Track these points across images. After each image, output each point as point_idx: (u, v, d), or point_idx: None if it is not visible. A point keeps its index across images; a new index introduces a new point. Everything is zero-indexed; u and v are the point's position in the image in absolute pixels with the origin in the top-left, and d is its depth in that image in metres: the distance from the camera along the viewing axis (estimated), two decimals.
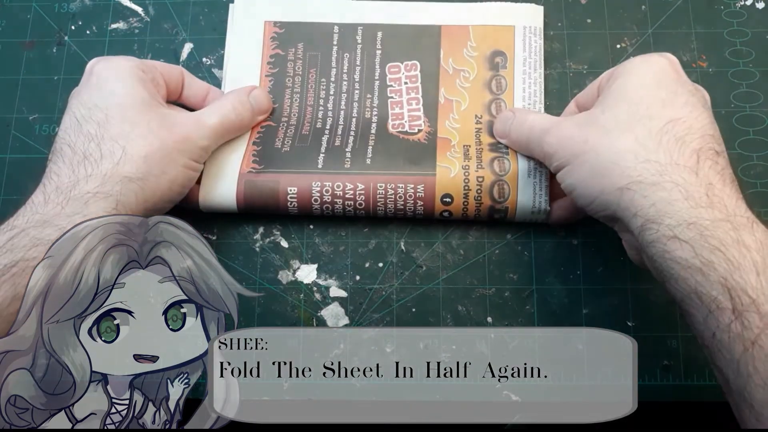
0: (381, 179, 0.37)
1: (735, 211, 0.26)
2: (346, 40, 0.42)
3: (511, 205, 0.37)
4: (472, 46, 0.41)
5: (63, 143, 0.33)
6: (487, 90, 0.40)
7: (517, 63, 0.40)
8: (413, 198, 0.37)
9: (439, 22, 0.41)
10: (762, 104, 0.40)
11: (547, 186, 0.37)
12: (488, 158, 0.37)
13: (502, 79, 0.40)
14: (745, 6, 0.41)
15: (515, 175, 0.37)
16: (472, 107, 0.40)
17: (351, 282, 0.38)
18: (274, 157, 0.38)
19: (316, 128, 0.40)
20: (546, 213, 0.37)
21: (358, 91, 0.41)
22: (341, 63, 0.41)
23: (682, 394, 0.36)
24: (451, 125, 0.39)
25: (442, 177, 0.37)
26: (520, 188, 0.37)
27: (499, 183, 0.37)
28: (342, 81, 0.41)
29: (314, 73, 0.41)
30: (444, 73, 0.41)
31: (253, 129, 0.40)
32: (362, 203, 0.37)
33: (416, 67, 0.41)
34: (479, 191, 0.37)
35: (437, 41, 0.41)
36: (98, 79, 0.34)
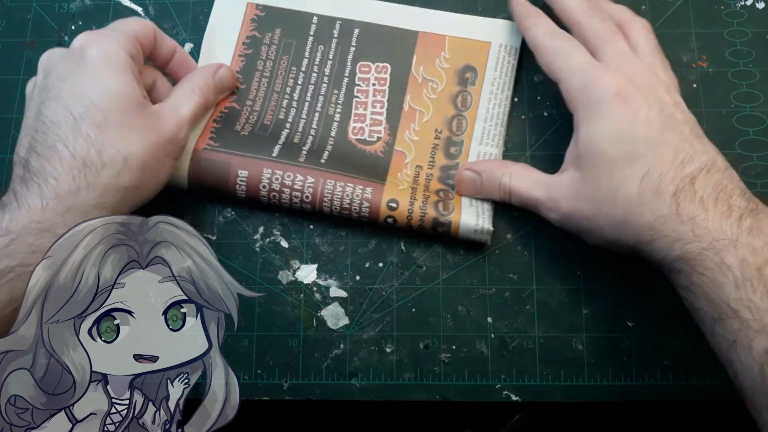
0: (331, 177, 0.37)
1: (719, 234, 0.29)
2: (323, 32, 0.41)
3: (454, 220, 0.36)
4: (446, 57, 0.40)
5: (58, 140, 0.32)
6: (451, 104, 0.40)
7: (486, 81, 0.40)
8: (360, 198, 0.37)
9: (418, 28, 0.41)
10: (762, 104, 0.40)
11: (489, 209, 0.37)
12: (435, 188, 0.38)
13: (469, 95, 0.40)
14: (745, 6, 0.41)
15: (459, 200, 0.37)
16: (434, 120, 0.40)
17: (351, 282, 0.38)
18: (231, 138, 0.38)
19: (278, 119, 0.40)
20: (488, 234, 0.37)
21: (326, 85, 0.41)
22: (314, 54, 0.41)
23: (682, 394, 0.36)
24: (410, 137, 0.39)
25: (390, 188, 0.37)
26: (464, 209, 0.37)
27: (444, 201, 0.37)
28: (312, 72, 0.41)
29: (286, 61, 0.41)
30: (413, 81, 0.40)
31: (217, 106, 0.40)
32: (309, 197, 0.37)
33: (387, 69, 0.41)
34: (425, 204, 0.37)
35: (412, 47, 0.41)
36: (92, 68, 0.33)
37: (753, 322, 0.27)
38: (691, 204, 0.30)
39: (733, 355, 0.28)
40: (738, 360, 0.28)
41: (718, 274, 0.28)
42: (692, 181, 0.30)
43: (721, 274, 0.28)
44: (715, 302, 0.28)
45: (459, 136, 0.39)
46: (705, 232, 0.29)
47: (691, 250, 0.29)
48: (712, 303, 0.29)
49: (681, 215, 0.30)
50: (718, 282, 0.28)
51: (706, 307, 0.29)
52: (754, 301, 0.27)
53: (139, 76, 0.35)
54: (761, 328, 0.27)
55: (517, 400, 0.37)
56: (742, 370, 0.28)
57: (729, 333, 0.28)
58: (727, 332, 0.28)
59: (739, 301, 0.28)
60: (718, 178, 0.31)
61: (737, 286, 0.28)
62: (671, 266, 0.31)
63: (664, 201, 0.30)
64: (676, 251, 0.30)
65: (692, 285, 0.30)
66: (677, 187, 0.30)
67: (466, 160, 0.39)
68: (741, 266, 0.28)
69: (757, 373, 0.27)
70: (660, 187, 0.31)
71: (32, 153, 0.32)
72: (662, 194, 0.30)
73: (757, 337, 0.27)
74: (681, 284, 0.30)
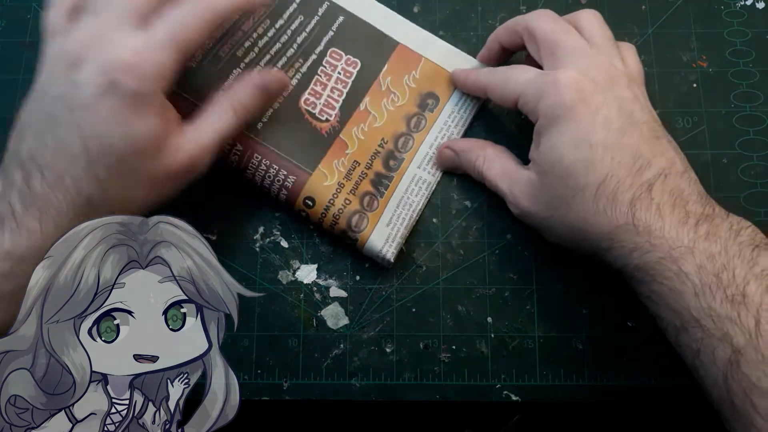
0: (261, 151, 0.37)
1: (675, 243, 0.29)
2: (308, 5, 0.41)
3: (362, 238, 0.37)
4: (415, 77, 0.40)
5: (67, 173, 0.30)
6: (404, 122, 0.40)
7: (444, 112, 0.40)
8: (281, 183, 0.37)
9: (400, 39, 0.41)
10: (762, 104, 0.40)
11: (399, 242, 0.37)
12: (363, 190, 0.38)
13: (423, 119, 0.40)
14: (745, 6, 0.41)
15: (377, 217, 0.37)
16: (383, 129, 0.39)
17: (351, 282, 0.38)
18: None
19: (234, 55, 0.39)
20: (389, 263, 0.37)
21: (293, 50, 0.40)
22: (292, 20, 0.40)
23: (682, 394, 0.36)
24: (357, 134, 0.39)
25: (315, 181, 0.37)
26: (377, 230, 0.37)
27: (360, 215, 0.37)
28: (283, 34, 0.40)
29: (263, 10, 0.40)
30: (376, 86, 0.40)
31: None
32: (234, 162, 0.37)
33: (356, 65, 0.40)
34: (340, 212, 0.37)
35: (387, 55, 0.41)
36: (121, 107, 0.30)
37: (714, 330, 0.27)
38: (647, 212, 0.30)
39: (698, 364, 0.28)
40: (703, 369, 0.28)
41: (677, 282, 0.28)
42: (649, 188, 0.30)
43: (680, 282, 0.28)
44: (677, 311, 0.28)
45: (401, 154, 0.39)
46: (661, 242, 0.29)
47: (649, 260, 0.29)
48: (675, 312, 0.29)
49: (637, 226, 0.30)
50: (677, 290, 0.28)
51: (669, 317, 0.29)
52: (714, 309, 0.27)
53: (170, 110, 0.32)
54: (723, 336, 0.27)
55: (517, 400, 0.37)
56: (708, 379, 0.28)
57: (693, 342, 0.28)
58: (691, 341, 0.28)
59: (700, 309, 0.27)
60: (676, 182, 0.30)
61: (696, 293, 0.28)
62: (632, 275, 0.31)
63: (621, 210, 0.30)
64: (635, 260, 0.30)
65: (653, 294, 0.30)
66: (633, 195, 0.30)
67: (401, 179, 0.39)
68: (699, 273, 0.28)
69: (722, 383, 0.27)
70: (616, 195, 0.30)
71: (36, 169, 0.30)
72: (618, 202, 0.30)
73: (719, 346, 0.27)
74: (643, 294, 0.31)
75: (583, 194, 0.31)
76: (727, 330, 0.27)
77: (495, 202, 0.39)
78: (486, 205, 0.39)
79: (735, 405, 0.26)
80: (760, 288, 0.27)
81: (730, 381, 0.26)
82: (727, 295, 0.27)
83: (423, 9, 0.42)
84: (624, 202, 0.30)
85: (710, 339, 0.27)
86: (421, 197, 0.39)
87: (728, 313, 0.27)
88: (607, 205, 0.30)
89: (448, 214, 0.39)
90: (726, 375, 0.26)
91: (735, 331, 0.26)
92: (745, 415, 0.26)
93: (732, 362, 0.26)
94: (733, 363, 0.26)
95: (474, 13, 0.42)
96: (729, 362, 0.26)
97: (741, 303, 0.27)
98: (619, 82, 0.32)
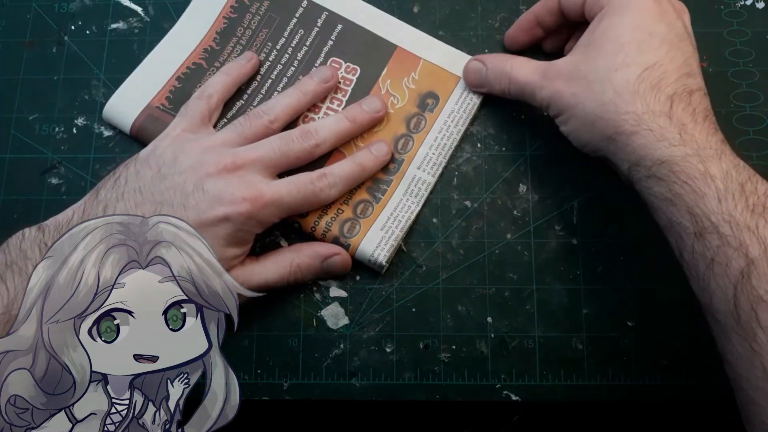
0: None
1: (705, 144, 0.29)
2: (308, 18, 0.42)
3: (353, 244, 0.37)
4: (414, 79, 0.40)
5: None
6: (404, 124, 0.40)
7: (444, 112, 0.40)
8: None
9: (398, 42, 0.41)
10: (762, 104, 0.40)
11: (393, 245, 0.37)
12: (358, 199, 0.38)
13: (423, 120, 0.40)
14: (745, 6, 0.41)
15: (371, 222, 0.37)
16: (383, 133, 0.39)
17: (351, 282, 0.38)
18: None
19: (238, 89, 0.40)
20: (381, 267, 0.37)
21: (294, 68, 0.41)
22: (293, 36, 0.41)
23: (683, 394, 0.36)
24: (356, 142, 0.39)
25: None
26: (368, 236, 0.37)
27: (352, 222, 0.37)
28: (285, 53, 0.41)
29: (265, 34, 0.41)
30: (376, 91, 0.40)
31: (184, 61, 0.41)
32: None
33: (356, 72, 0.41)
34: (333, 220, 0.37)
35: (386, 59, 0.41)
36: (228, 231, 0.33)
37: (732, 238, 0.27)
38: (684, 112, 0.30)
39: (710, 275, 0.28)
40: (714, 281, 0.27)
41: (702, 183, 0.28)
42: (690, 93, 0.31)
43: (704, 184, 0.28)
44: (696, 216, 0.28)
45: (401, 155, 0.39)
46: (692, 139, 0.29)
47: (676, 153, 0.29)
48: (694, 216, 0.28)
49: (672, 117, 0.30)
50: (700, 192, 0.28)
51: (686, 221, 0.28)
52: (734, 216, 0.27)
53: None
54: (739, 245, 0.27)
55: (517, 400, 0.37)
56: (717, 292, 0.27)
57: (708, 250, 0.27)
58: (706, 249, 0.28)
59: (720, 214, 0.27)
60: (709, 105, 0.31)
61: (719, 198, 0.27)
62: (652, 171, 0.30)
63: (659, 98, 0.30)
64: (659, 152, 0.29)
65: (674, 196, 0.29)
66: (675, 90, 0.30)
67: (401, 180, 0.39)
68: (725, 178, 0.28)
69: (731, 296, 0.27)
70: (660, 84, 0.31)
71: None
72: (659, 91, 0.30)
73: (734, 256, 0.27)
74: (662, 195, 0.30)
75: (628, 69, 0.31)
76: (744, 239, 0.26)
77: (495, 202, 0.39)
78: (486, 205, 0.39)
79: (741, 320, 0.26)
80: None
81: (739, 294, 0.26)
82: (748, 205, 0.27)
83: (423, 9, 0.42)
84: (664, 93, 0.30)
85: (726, 248, 0.27)
86: (420, 198, 0.39)
87: (747, 222, 0.27)
88: (647, 89, 0.30)
89: (448, 214, 0.39)
90: (736, 288, 0.26)
91: (752, 241, 0.26)
92: (749, 330, 0.26)
93: (744, 274, 0.26)
94: (744, 275, 0.26)
95: (474, 13, 0.42)
96: (741, 274, 0.26)
97: (761, 214, 0.27)
98: (687, 14, 0.34)
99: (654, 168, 0.30)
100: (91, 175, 0.40)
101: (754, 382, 0.26)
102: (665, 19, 0.32)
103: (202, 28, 0.42)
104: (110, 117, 0.40)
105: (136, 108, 0.40)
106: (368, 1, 0.42)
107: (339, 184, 0.36)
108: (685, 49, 0.32)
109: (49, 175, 0.41)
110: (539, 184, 0.39)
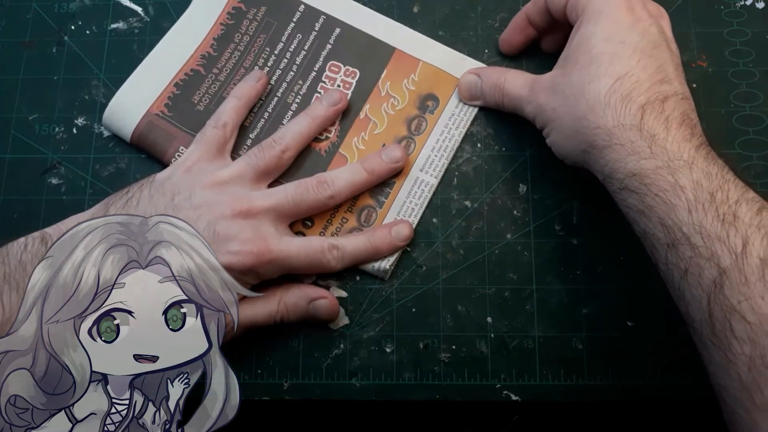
0: None
1: (676, 155, 0.29)
2: (305, 22, 0.42)
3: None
4: (414, 80, 0.40)
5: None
6: (405, 126, 0.40)
7: (445, 114, 0.40)
8: None
9: (396, 44, 0.41)
10: (762, 104, 0.40)
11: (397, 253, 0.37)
12: (362, 204, 0.38)
13: (424, 122, 0.40)
14: (745, 6, 0.41)
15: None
16: (384, 135, 0.40)
17: (351, 282, 0.38)
18: (185, 111, 0.40)
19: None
20: (386, 274, 0.37)
21: (293, 73, 0.41)
22: (291, 41, 0.41)
23: (683, 394, 0.36)
24: (357, 144, 0.39)
25: None
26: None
27: (357, 231, 0.38)
28: (283, 58, 0.41)
29: (262, 39, 0.41)
30: (376, 92, 0.40)
31: (182, 67, 0.41)
32: None
33: (355, 75, 0.41)
34: (338, 231, 0.38)
35: (385, 61, 0.41)
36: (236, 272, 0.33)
37: (703, 249, 0.27)
38: (656, 121, 0.30)
39: (684, 285, 0.28)
40: (689, 291, 0.28)
41: (672, 195, 0.28)
42: (664, 100, 0.30)
43: (674, 196, 0.28)
44: (668, 227, 0.28)
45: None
46: (662, 151, 0.29)
47: (646, 167, 0.29)
48: (666, 228, 0.28)
49: (642, 130, 0.30)
50: (671, 204, 0.28)
51: (659, 233, 0.29)
52: (704, 227, 0.27)
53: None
54: (710, 256, 0.27)
55: (517, 400, 0.37)
56: (692, 302, 0.27)
57: (681, 261, 0.28)
58: (679, 260, 0.28)
59: (691, 225, 0.27)
60: (687, 109, 0.31)
61: (689, 209, 0.28)
62: (624, 184, 0.30)
63: (630, 110, 0.30)
64: (630, 165, 0.30)
65: (647, 208, 0.29)
66: (647, 99, 0.30)
67: (402, 184, 0.39)
68: (695, 188, 0.28)
69: (705, 306, 0.27)
70: (631, 93, 0.31)
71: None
72: (631, 102, 0.30)
73: (706, 266, 0.27)
74: (636, 207, 0.30)
75: (599, 82, 0.31)
76: (715, 249, 0.26)
77: (495, 202, 0.39)
78: (486, 205, 0.39)
79: (716, 330, 0.26)
80: (750, 211, 0.27)
81: (713, 304, 0.26)
82: (718, 214, 0.27)
83: (423, 9, 0.42)
84: (636, 103, 0.30)
85: (698, 258, 0.27)
86: (423, 200, 0.39)
87: (718, 232, 0.27)
88: (618, 101, 0.31)
89: (448, 214, 0.39)
90: (710, 297, 0.26)
91: (723, 251, 0.26)
92: (723, 339, 0.26)
93: (716, 284, 0.26)
94: (717, 285, 0.26)
95: (474, 13, 0.42)
96: (714, 284, 0.26)
97: (731, 223, 0.27)
98: (665, 18, 0.34)
99: (626, 181, 0.30)
100: (91, 175, 0.40)
101: (731, 392, 0.26)
102: (638, 26, 0.32)
103: (199, 33, 0.42)
104: (110, 124, 0.40)
105: (135, 115, 0.39)
106: (369, 2, 0.42)
107: (347, 260, 0.36)
108: (659, 55, 0.32)
109: (49, 175, 0.41)
110: (539, 184, 0.39)
